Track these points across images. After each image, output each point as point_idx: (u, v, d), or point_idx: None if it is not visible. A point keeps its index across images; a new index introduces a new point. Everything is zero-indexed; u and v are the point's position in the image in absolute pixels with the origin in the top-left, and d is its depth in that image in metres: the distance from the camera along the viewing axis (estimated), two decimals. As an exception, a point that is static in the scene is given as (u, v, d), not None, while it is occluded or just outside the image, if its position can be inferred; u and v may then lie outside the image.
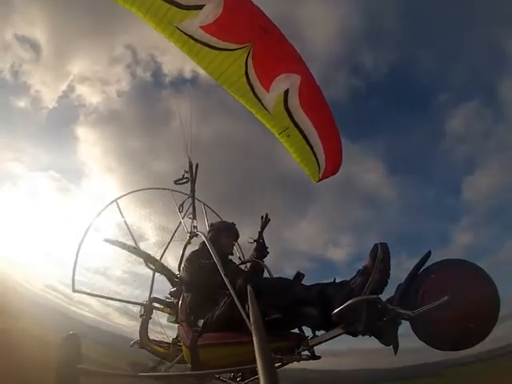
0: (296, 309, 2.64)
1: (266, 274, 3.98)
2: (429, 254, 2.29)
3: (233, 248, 4.16)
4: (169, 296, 4.22)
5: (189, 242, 4.47)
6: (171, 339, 3.98)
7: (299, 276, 2.97)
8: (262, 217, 4.49)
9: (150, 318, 4.13)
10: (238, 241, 4.41)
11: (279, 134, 4.84)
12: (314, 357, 2.69)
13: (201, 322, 2.98)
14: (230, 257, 4.12)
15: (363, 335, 2.30)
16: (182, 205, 4.93)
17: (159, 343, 4.05)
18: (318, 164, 5.00)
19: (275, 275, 3.73)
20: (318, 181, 5.15)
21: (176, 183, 5.03)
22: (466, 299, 2.00)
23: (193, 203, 4.86)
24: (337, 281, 2.70)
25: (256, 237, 4.07)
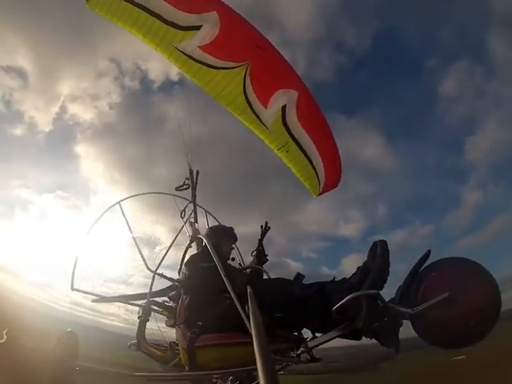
0: (296, 307, 2.70)
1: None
2: (428, 254, 2.35)
3: (231, 252, 4.22)
4: (167, 300, 4.31)
5: (190, 246, 4.57)
6: (169, 342, 4.01)
7: (299, 277, 3.02)
8: (262, 226, 4.61)
9: (148, 320, 4.17)
10: (237, 245, 4.69)
11: (278, 150, 4.95)
12: (313, 359, 2.71)
13: (199, 323, 3.00)
14: (229, 262, 4.13)
15: (364, 334, 2.32)
16: (183, 210, 5.09)
17: (156, 346, 4.08)
18: (318, 178, 5.10)
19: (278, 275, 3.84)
20: (319, 194, 5.23)
21: (177, 190, 5.17)
22: (466, 297, 2.05)
23: (194, 208, 5.03)
24: (336, 279, 2.77)
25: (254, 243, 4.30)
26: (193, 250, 4.53)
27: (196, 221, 4.83)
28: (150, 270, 4.44)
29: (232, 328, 2.81)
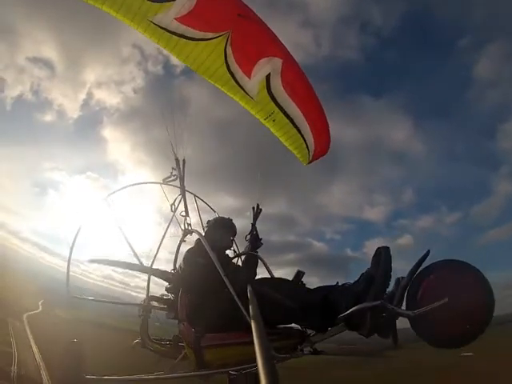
0: (302, 313, 2.82)
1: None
2: (427, 254, 2.46)
3: (232, 243, 4.29)
4: (165, 293, 4.23)
5: (183, 240, 4.48)
6: (172, 336, 4.00)
7: (299, 274, 3.15)
8: (254, 208, 4.66)
9: (149, 317, 4.12)
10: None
11: (265, 120, 4.95)
12: (316, 352, 2.88)
13: (202, 322, 3.08)
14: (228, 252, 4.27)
15: (366, 337, 2.48)
16: (173, 203, 4.88)
17: (160, 341, 4.09)
18: (307, 146, 5.14)
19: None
20: (309, 163, 5.30)
21: (165, 182, 5.00)
22: (464, 303, 2.18)
23: (184, 200, 4.82)
24: (339, 284, 2.91)
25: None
26: (188, 243, 4.47)
27: (187, 214, 4.67)
28: (145, 268, 4.37)
29: (235, 326, 2.86)
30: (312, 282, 4.03)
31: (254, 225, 4.51)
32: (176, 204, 4.83)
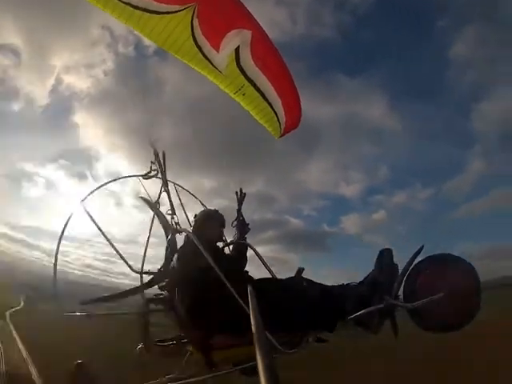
0: (309, 315, 2.84)
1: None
2: (421, 249, 2.68)
3: (222, 234, 4.22)
4: (159, 291, 4.05)
5: (173, 240, 4.26)
6: (175, 336, 3.94)
7: (299, 271, 3.25)
8: (237, 192, 4.60)
9: (149, 322, 3.90)
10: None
11: (234, 94, 4.82)
12: (320, 340, 3.06)
13: (207, 323, 3.07)
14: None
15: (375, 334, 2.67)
16: (157, 201, 4.64)
17: (162, 342, 3.99)
18: (278, 119, 5.11)
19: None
20: (280, 136, 5.30)
21: (145, 178, 4.70)
22: (458, 294, 2.41)
23: (169, 198, 4.53)
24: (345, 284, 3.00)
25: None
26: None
27: (174, 212, 4.41)
28: (134, 271, 4.11)
29: (241, 327, 2.78)
30: (290, 258, 4.22)
31: (239, 210, 4.49)
32: (159, 204, 4.60)
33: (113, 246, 3.95)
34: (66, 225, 4.00)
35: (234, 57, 4.38)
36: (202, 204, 5.42)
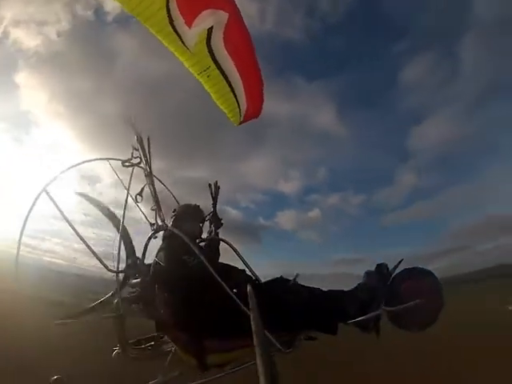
0: (312, 318, 2.93)
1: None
2: (400, 261, 3.02)
3: (201, 230, 4.07)
4: (132, 289, 3.73)
5: (154, 237, 3.92)
6: (152, 336, 3.75)
7: (296, 276, 3.24)
8: (210, 185, 4.45)
9: (124, 323, 3.58)
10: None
11: (199, 74, 4.64)
12: (309, 338, 3.16)
13: (194, 325, 2.98)
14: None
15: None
16: (141, 193, 4.10)
17: (139, 344, 3.76)
18: (239, 106, 5.06)
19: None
20: (240, 123, 5.27)
21: (125, 165, 4.16)
22: (431, 304, 2.79)
23: (153, 190, 4.06)
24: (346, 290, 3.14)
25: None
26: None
27: (159, 208, 3.96)
28: (110, 270, 3.64)
29: (236, 330, 2.81)
30: (223, 245, 4.18)
31: (214, 205, 4.37)
32: (142, 197, 4.09)
33: (84, 240, 3.47)
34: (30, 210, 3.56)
35: (206, 36, 4.20)
36: (177, 200, 5.01)
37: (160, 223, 3.86)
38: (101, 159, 4.47)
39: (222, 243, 4.12)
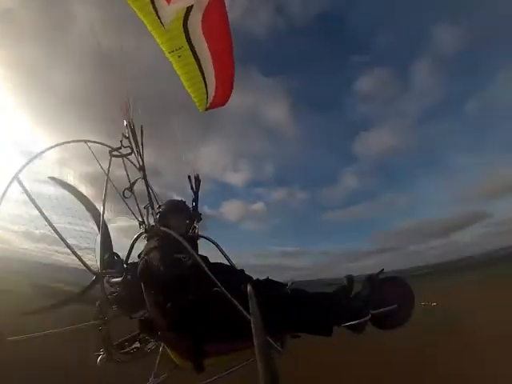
0: (306, 321, 2.98)
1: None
2: (381, 271, 3.24)
3: (187, 227, 3.86)
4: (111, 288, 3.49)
5: (145, 237, 3.61)
6: (131, 336, 3.50)
7: (292, 283, 3.25)
8: (189, 177, 4.26)
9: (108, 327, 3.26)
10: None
11: (170, 53, 4.40)
12: (295, 336, 3.20)
13: (193, 329, 2.87)
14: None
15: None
16: (131, 187, 3.65)
17: (122, 346, 3.46)
18: (207, 92, 4.93)
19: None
20: (206, 109, 5.13)
21: (113, 155, 3.73)
22: (404, 308, 3.11)
23: (147, 187, 3.68)
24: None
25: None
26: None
27: (152, 206, 3.65)
28: (94, 273, 3.33)
29: (234, 333, 2.80)
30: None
31: (196, 199, 4.22)
32: (133, 192, 3.65)
33: (61, 237, 3.10)
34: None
35: (184, 15, 4.00)
36: (155, 196, 4.46)
37: (152, 223, 3.58)
38: (86, 141, 4.01)
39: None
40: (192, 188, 4.41)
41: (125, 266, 3.68)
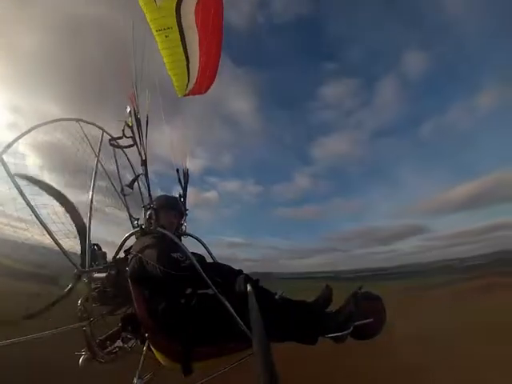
0: (293, 330, 2.96)
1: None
2: (361, 287, 3.30)
3: (178, 225, 3.73)
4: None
5: (137, 236, 3.36)
6: (110, 334, 3.25)
7: (282, 293, 3.23)
8: (178, 170, 4.11)
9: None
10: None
11: (157, 31, 4.28)
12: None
13: (185, 335, 2.79)
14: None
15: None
16: (132, 184, 3.39)
17: (104, 345, 3.16)
18: (188, 78, 4.85)
19: None
20: (184, 95, 5.04)
21: (112, 144, 3.47)
22: (378, 321, 3.25)
23: (148, 185, 3.43)
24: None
25: None
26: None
27: (152, 206, 3.45)
28: (81, 271, 3.02)
29: (227, 335, 2.76)
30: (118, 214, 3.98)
31: (184, 195, 4.09)
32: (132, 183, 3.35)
33: (45, 226, 2.75)
34: None
35: (178, -4, 3.93)
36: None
37: (152, 224, 3.34)
38: (78, 120, 3.63)
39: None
40: (180, 181, 4.24)
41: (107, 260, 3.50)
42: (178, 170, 4.33)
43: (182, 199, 4.21)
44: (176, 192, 4.24)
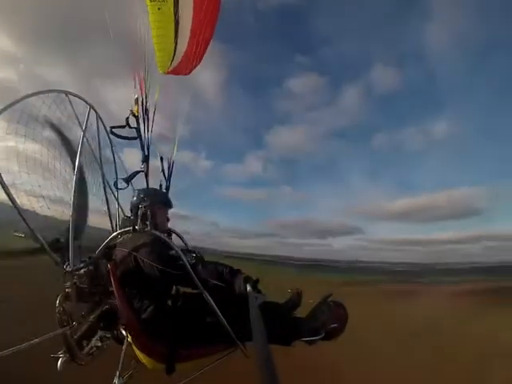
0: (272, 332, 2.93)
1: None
2: (330, 295, 3.38)
3: (167, 221, 3.52)
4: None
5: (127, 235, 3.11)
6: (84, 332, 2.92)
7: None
8: (162, 158, 3.88)
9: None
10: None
11: (151, 1, 4.06)
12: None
13: (172, 333, 2.72)
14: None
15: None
16: (129, 179, 3.13)
17: (81, 345, 2.87)
18: (174, 56, 4.65)
19: None
20: (165, 73, 4.82)
21: (113, 134, 3.21)
22: (343, 326, 3.28)
23: (147, 184, 3.28)
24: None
25: None
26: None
27: (152, 207, 3.29)
28: (69, 272, 2.73)
29: (217, 337, 2.75)
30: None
31: (167, 187, 3.85)
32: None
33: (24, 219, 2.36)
34: None
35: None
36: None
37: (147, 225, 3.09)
38: (67, 93, 3.18)
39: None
40: (163, 171, 3.99)
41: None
42: (162, 159, 4.07)
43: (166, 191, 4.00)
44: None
